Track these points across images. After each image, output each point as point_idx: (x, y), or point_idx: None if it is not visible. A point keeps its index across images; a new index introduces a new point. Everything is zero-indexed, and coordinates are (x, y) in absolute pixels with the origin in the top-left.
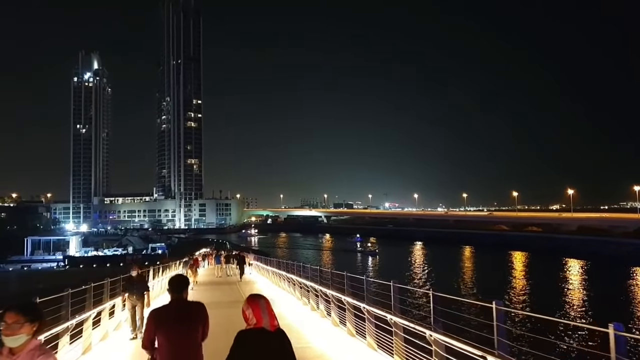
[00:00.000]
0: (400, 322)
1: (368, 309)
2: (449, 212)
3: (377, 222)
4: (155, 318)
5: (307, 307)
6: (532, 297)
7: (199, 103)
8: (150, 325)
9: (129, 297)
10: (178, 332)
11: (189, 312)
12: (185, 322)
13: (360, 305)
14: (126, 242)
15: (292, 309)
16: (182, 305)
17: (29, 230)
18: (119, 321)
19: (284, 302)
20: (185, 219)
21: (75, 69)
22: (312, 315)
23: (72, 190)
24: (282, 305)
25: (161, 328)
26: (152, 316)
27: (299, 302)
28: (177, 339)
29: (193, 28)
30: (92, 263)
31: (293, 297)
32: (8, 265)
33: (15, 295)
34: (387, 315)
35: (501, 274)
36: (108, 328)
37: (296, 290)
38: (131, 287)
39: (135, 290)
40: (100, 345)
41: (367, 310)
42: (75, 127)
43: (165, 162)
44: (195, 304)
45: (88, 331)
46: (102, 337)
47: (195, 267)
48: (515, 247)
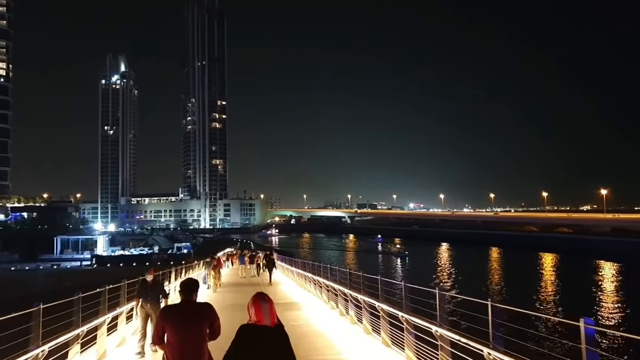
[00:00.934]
0: (447, 334)
1: (407, 318)
2: (476, 211)
3: (401, 223)
4: (164, 315)
5: (335, 312)
6: (562, 300)
7: (223, 104)
8: (159, 322)
9: (142, 305)
10: (185, 329)
11: (196, 311)
12: (192, 320)
13: (397, 314)
14: (152, 242)
15: (320, 314)
16: (190, 305)
17: (58, 229)
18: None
19: (310, 307)
20: (210, 219)
21: (103, 71)
22: (341, 321)
23: (100, 190)
24: (309, 310)
25: (169, 325)
26: (162, 313)
27: (326, 306)
28: (184, 336)
29: (217, 29)
30: (119, 262)
31: (320, 301)
32: (38, 264)
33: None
34: (431, 327)
35: (531, 276)
36: (125, 334)
37: (323, 294)
38: (145, 293)
39: (149, 296)
40: (116, 351)
41: (406, 320)
42: (103, 128)
43: (190, 162)
44: (203, 304)
45: (102, 338)
46: (118, 342)
47: (219, 268)
48: (545, 249)
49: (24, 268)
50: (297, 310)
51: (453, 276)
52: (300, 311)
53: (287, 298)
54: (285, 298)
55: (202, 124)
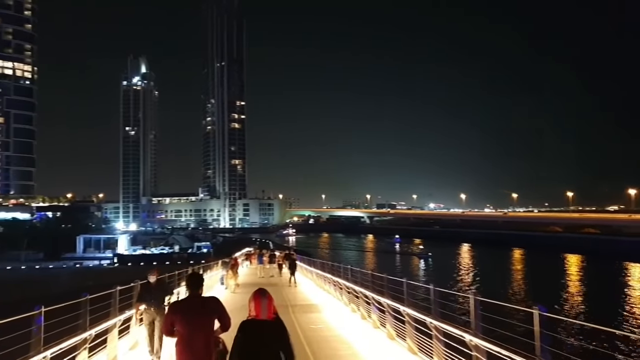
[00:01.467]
0: (484, 345)
1: (437, 325)
2: (498, 211)
3: (421, 223)
4: (173, 309)
5: (356, 315)
6: (588, 303)
7: (242, 104)
8: (169, 315)
9: (146, 310)
10: (192, 322)
11: (202, 305)
12: (198, 314)
13: (425, 320)
14: (172, 241)
15: (340, 318)
16: (197, 299)
17: (81, 229)
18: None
19: (330, 309)
20: (230, 218)
21: (124, 72)
22: (363, 325)
23: (122, 190)
24: (329, 313)
25: (178, 318)
26: (170, 307)
27: (347, 308)
28: (191, 328)
29: (236, 29)
30: (140, 261)
31: (340, 303)
32: (62, 263)
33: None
34: (464, 336)
35: (556, 279)
36: (138, 337)
37: (343, 296)
38: (148, 297)
39: (153, 300)
40: (128, 355)
41: (436, 327)
42: (124, 129)
43: (210, 162)
44: (210, 298)
45: (113, 341)
46: (131, 346)
47: (236, 268)
48: (570, 250)
49: (48, 266)
50: (317, 313)
51: (480, 279)
52: (320, 314)
53: (307, 300)
54: (305, 300)
55: (221, 124)
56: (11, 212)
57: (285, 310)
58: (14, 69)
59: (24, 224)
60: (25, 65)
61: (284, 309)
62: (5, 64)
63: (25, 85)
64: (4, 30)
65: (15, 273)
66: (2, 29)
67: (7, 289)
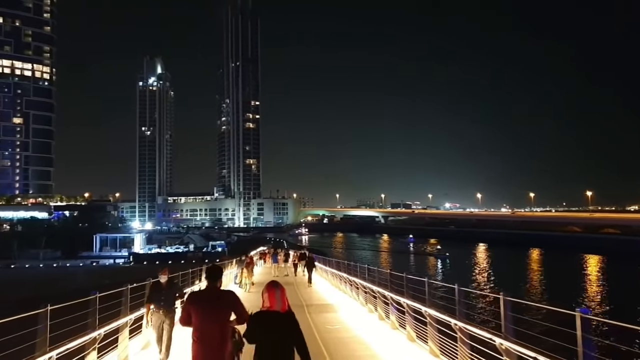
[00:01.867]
0: (515, 349)
1: (462, 326)
2: (515, 212)
3: (437, 223)
4: (190, 300)
5: (373, 315)
6: (613, 304)
7: (256, 104)
8: (186, 304)
9: (154, 311)
10: (208, 313)
11: (219, 297)
12: (214, 306)
13: (450, 321)
14: (188, 240)
15: (357, 318)
16: (214, 292)
17: (98, 228)
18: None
19: (347, 309)
20: (244, 217)
21: (140, 73)
22: (380, 325)
23: (138, 189)
24: (345, 313)
25: (194, 309)
26: (188, 298)
27: (364, 308)
28: (206, 319)
29: (251, 29)
30: (155, 260)
31: (356, 303)
32: (78, 261)
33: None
34: (493, 339)
35: (577, 279)
36: (150, 337)
37: (360, 296)
38: (158, 297)
39: (163, 301)
40: (140, 355)
41: (460, 328)
42: (141, 129)
43: (225, 162)
44: (227, 292)
45: (125, 342)
46: (143, 345)
47: (251, 267)
48: (589, 250)
49: (65, 265)
50: (333, 313)
51: (500, 279)
52: (336, 313)
53: (322, 299)
54: (320, 299)
55: (236, 124)
56: (30, 211)
57: (301, 310)
58: (33, 70)
59: (42, 223)
60: (44, 66)
61: (300, 309)
62: (24, 66)
63: (44, 86)
64: (24, 33)
65: (33, 271)
66: (22, 31)
67: (25, 287)
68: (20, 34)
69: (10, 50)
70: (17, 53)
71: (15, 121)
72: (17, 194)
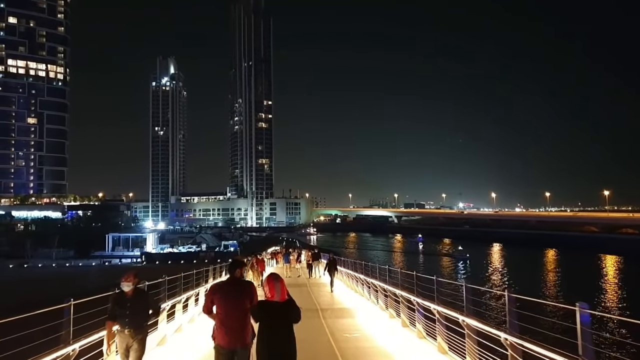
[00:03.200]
0: (519, 343)
1: (513, 341)
2: (528, 211)
3: (451, 223)
4: (213, 290)
5: (396, 322)
6: (628, 303)
7: (269, 104)
8: (209, 295)
9: (119, 332)
10: (229, 302)
11: (239, 287)
12: (235, 295)
13: (498, 335)
14: (200, 240)
15: (378, 325)
16: (235, 282)
17: (111, 227)
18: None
19: (365, 314)
20: (257, 217)
21: (154, 73)
22: (405, 334)
23: (152, 189)
24: (364, 318)
25: (217, 298)
26: (211, 288)
27: (384, 313)
28: (228, 307)
29: (263, 29)
30: (167, 259)
31: (375, 307)
32: (91, 261)
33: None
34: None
35: (594, 279)
36: (167, 331)
37: (379, 299)
38: (122, 313)
39: (128, 319)
40: (155, 351)
41: (512, 344)
42: (154, 129)
43: (237, 162)
44: (246, 282)
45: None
46: (158, 341)
47: (258, 269)
48: (606, 251)
49: (77, 264)
50: (350, 318)
51: (525, 280)
52: (354, 319)
53: (338, 303)
54: (336, 303)
55: (248, 124)
56: (44, 211)
57: (315, 315)
58: (47, 70)
59: (55, 222)
60: (57, 67)
61: (313, 313)
62: (39, 66)
63: (58, 86)
64: (38, 33)
65: (44, 270)
66: (36, 32)
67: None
68: (34, 34)
69: (25, 51)
70: (31, 54)
71: (29, 121)
72: (31, 193)
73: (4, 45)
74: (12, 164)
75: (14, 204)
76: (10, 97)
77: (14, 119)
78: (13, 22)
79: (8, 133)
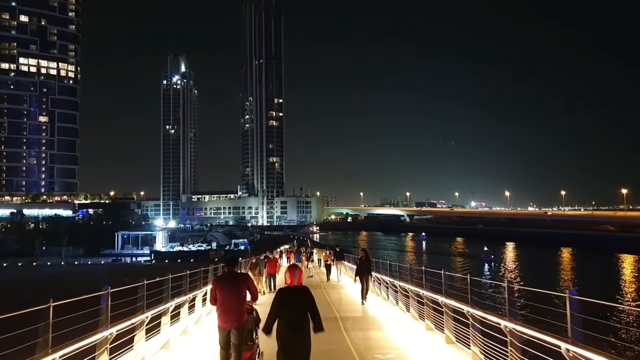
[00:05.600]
0: (517, 329)
1: (511, 327)
2: (542, 210)
3: (464, 222)
4: (215, 282)
5: (436, 337)
6: None
7: (280, 102)
8: (213, 287)
9: None
10: (228, 290)
11: (236, 278)
12: (232, 285)
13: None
14: (210, 238)
15: (415, 341)
16: (232, 274)
17: (121, 226)
18: None
19: (394, 324)
20: (268, 216)
21: (165, 71)
22: (455, 355)
23: (163, 188)
24: (394, 330)
25: (219, 289)
26: (214, 281)
27: (419, 325)
28: (227, 296)
29: (274, 27)
30: (177, 258)
31: (405, 315)
32: (100, 259)
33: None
34: None
35: (610, 277)
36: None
37: (411, 307)
38: None
39: None
40: None
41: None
42: (165, 127)
43: (248, 160)
44: (242, 274)
45: None
46: (163, 345)
47: (267, 270)
48: (625, 250)
49: (86, 263)
50: (377, 330)
51: (555, 281)
52: (382, 332)
53: (359, 309)
54: (356, 309)
55: (259, 122)
56: (55, 209)
57: (334, 325)
58: (58, 69)
59: (66, 220)
60: (69, 65)
61: (331, 323)
62: (50, 64)
63: (69, 84)
64: (49, 32)
65: (49, 269)
66: (47, 30)
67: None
68: (45, 33)
69: (36, 49)
70: (42, 52)
71: (41, 119)
72: (42, 192)
73: (15, 43)
74: (23, 162)
75: (25, 202)
76: (22, 96)
77: (26, 117)
78: (24, 21)
79: (20, 131)
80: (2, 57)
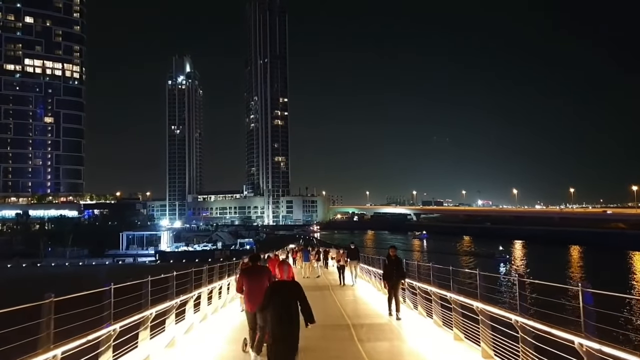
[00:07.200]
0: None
1: (522, 322)
2: (549, 208)
3: (471, 220)
4: (242, 273)
5: (468, 350)
6: None
7: (285, 101)
8: (240, 277)
9: None
10: (253, 281)
11: (259, 271)
12: (257, 276)
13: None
14: (216, 238)
15: (442, 354)
16: (256, 267)
17: (127, 226)
18: None
19: (417, 334)
20: (274, 215)
21: (170, 72)
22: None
23: (168, 188)
24: (417, 341)
25: (245, 279)
26: (241, 272)
27: (446, 334)
28: (252, 285)
29: (279, 26)
30: (182, 258)
31: (427, 321)
32: (105, 259)
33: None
34: None
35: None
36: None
37: (434, 314)
38: None
39: None
40: None
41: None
42: (170, 128)
43: (253, 159)
44: (263, 267)
45: None
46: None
47: None
48: (636, 248)
49: (91, 263)
50: (398, 341)
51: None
52: (405, 343)
53: (374, 314)
54: (371, 315)
55: (264, 122)
56: (60, 209)
57: (345, 333)
58: (63, 69)
59: (71, 221)
60: (74, 66)
61: (343, 331)
62: (55, 65)
63: (74, 85)
64: (54, 33)
65: (54, 269)
66: (52, 31)
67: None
68: (50, 33)
69: (41, 50)
70: (47, 53)
71: (46, 120)
72: (48, 192)
73: (20, 44)
74: (29, 163)
75: (30, 203)
76: (27, 97)
77: (31, 118)
78: (29, 22)
79: (25, 132)
80: (8, 58)
